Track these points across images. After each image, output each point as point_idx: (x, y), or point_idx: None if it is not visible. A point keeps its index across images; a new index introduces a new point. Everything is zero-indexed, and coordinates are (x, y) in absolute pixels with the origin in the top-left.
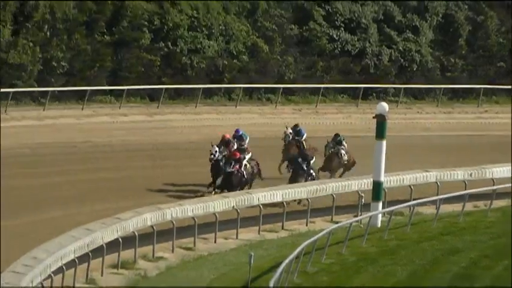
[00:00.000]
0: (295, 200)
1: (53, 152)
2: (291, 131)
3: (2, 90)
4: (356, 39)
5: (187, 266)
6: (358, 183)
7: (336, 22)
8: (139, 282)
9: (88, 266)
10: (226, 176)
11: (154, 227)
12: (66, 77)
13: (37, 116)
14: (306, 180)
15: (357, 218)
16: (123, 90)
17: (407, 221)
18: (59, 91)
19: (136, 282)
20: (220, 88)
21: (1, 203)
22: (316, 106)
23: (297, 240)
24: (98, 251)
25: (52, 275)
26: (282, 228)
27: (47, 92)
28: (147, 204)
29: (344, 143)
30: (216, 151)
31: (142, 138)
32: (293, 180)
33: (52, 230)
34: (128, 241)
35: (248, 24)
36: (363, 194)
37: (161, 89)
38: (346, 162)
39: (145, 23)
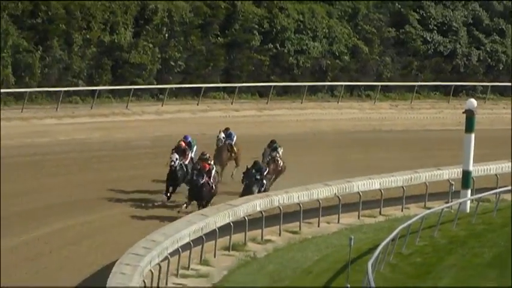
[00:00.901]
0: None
1: (171, 144)
2: (223, 135)
3: (124, 87)
4: (447, 41)
5: (293, 248)
6: (449, 173)
7: (429, 25)
8: (249, 263)
9: (202, 248)
10: (197, 188)
11: (263, 213)
12: (182, 75)
13: (156, 111)
14: (259, 191)
15: (447, 204)
16: (235, 87)
17: (494, 207)
18: (176, 88)
19: (246, 263)
20: (323, 86)
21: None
22: (411, 102)
23: (393, 224)
24: (211, 235)
25: (169, 256)
26: (380, 213)
27: (165, 89)
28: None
29: (279, 150)
30: (176, 158)
31: (252, 131)
32: (247, 189)
33: (171, 214)
34: (239, 225)
35: (349, 27)
36: (453, 182)
37: (270, 86)
38: (280, 169)
39: (256, 26)
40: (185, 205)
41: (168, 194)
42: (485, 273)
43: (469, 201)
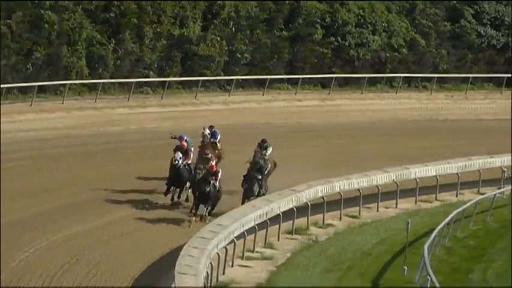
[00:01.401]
0: None
1: (237, 133)
2: (208, 131)
3: (193, 78)
4: (500, 35)
5: (353, 232)
6: (501, 160)
7: (483, 20)
8: (311, 246)
9: (266, 232)
10: (204, 191)
11: (325, 198)
12: (248, 67)
13: (223, 101)
14: (259, 192)
15: (500, 190)
16: (298, 78)
17: None
18: (242, 79)
19: (308, 246)
20: (382, 77)
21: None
22: (465, 93)
23: (448, 209)
24: (275, 219)
25: (235, 239)
26: (436, 199)
27: (232, 80)
28: (318, 177)
29: (269, 149)
30: (180, 157)
31: (315, 121)
32: (248, 190)
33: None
34: (302, 210)
35: (407, 22)
36: (505, 169)
37: (331, 77)
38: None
39: (318, 20)
40: (193, 210)
41: (172, 196)
42: None
43: None
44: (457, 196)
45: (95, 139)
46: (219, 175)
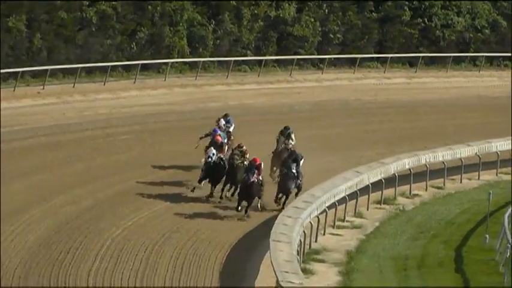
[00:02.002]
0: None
1: (329, 108)
2: (224, 121)
3: (288, 57)
4: None
5: (438, 202)
6: None
7: None
8: (398, 215)
9: (356, 202)
10: (248, 185)
11: (411, 170)
12: (340, 46)
13: (316, 78)
14: (296, 185)
15: None
16: (387, 57)
17: None
18: (334, 58)
19: (395, 215)
20: (466, 56)
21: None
22: None
23: None
24: (365, 190)
25: (326, 209)
26: None
27: (324, 59)
28: (405, 151)
29: (292, 136)
30: (213, 153)
31: (402, 97)
32: (284, 186)
33: (328, 172)
34: (390, 181)
35: (490, 4)
36: None
37: (418, 56)
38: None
39: (406, 2)
40: (238, 208)
41: (210, 192)
42: None
43: None
44: None
45: (195, 115)
46: (262, 168)
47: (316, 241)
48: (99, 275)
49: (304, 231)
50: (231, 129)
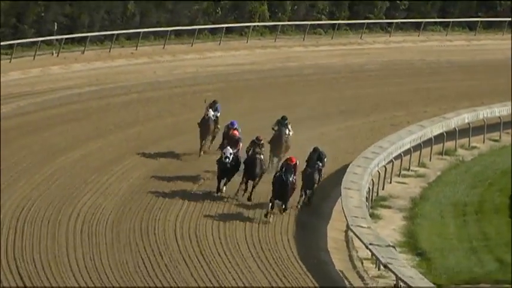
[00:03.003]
0: None
1: (397, 68)
2: (213, 113)
3: (359, 21)
4: None
5: (494, 153)
6: None
7: None
8: (458, 165)
9: (420, 153)
10: (285, 185)
11: (470, 124)
12: (406, 12)
13: (384, 41)
14: (319, 178)
15: None
16: (449, 22)
17: None
18: (401, 22)
19: (455, 165)
20: None
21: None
22: None
23: None
24: (428, 142)
25: (393, 160)
26: None
27: (392, 23)
28: (466, 107)
29: (289, 126)
30: (230, 153)
31: (462, 58)
32: (309, 180)
33: (395, 126)
34: (450, 135)
35: None
36: None
37: (477, 21)
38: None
39: None
40: (270, 206)
41: (221, 188)
42: None
43: None
44: None
45: (275, 73)
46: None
47: (383, 189)
48: (186, 221)
49: (372, 180)
50: (218, 114)
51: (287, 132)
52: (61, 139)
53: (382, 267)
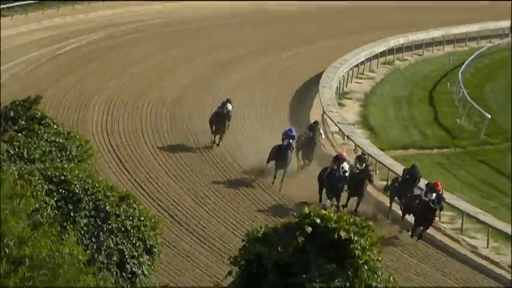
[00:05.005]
0: None
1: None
2: (231, 106)
3: None
4: None
5: (419, 64)
6: None
7: None
8: (396, 71)
9: (370, 63)
10: (430, 210)
11: (404, 45)
12: None
13: None
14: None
15: (505, 40)
16: None
17: None
18: None
19: (394, 71)
20: None
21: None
22: None
23: (473, 51)
24: (375, 56)
25: (353, 68)
26: (465, 45)
27: None
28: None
29: (321, 131)
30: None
31: None
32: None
33: (359, 45)
34: (391, 51)
35: None
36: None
37: None
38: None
39: None
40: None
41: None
42: None
43: None
44: (477, 44)
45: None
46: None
47: (346, 86)
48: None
49: (339, 81)
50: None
51: (321, 135)
52: (136, 54)
53: (345, 137)
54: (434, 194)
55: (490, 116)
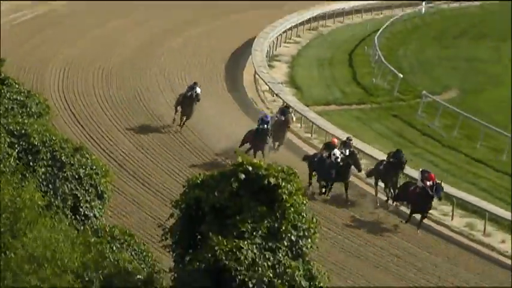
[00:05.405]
0: None
1: None
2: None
3: None
4: None
5: (341, 30)
6: None
7: None
8: (319, 37)
9: (297, 29)
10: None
11: (326, 13)
12: None
13: None
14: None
15: (421, 7)
16: None
17: None
18: None
19: (319, 36)
20: None
21: None
22: None
23: (388, 18)
24: (302, 24)
25: (281, 33)
26: (381, 13)
27: None
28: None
29: (292, 114)
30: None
31: None
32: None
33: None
34: (315, 19)
35: None
36: None
37: None
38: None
39: None
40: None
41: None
42: None
43: None
44: (392, 12)
45: None
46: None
47: (276, 50)
48: None
49: (269, 45)
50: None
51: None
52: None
53: (275, 95)
54: (429, 182)
55: (402, 76)
